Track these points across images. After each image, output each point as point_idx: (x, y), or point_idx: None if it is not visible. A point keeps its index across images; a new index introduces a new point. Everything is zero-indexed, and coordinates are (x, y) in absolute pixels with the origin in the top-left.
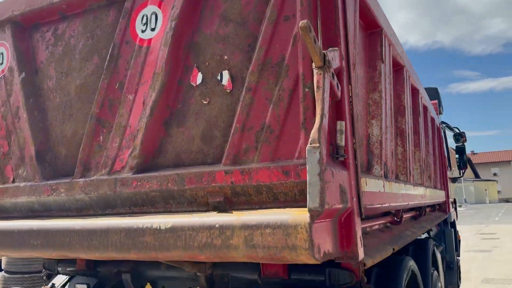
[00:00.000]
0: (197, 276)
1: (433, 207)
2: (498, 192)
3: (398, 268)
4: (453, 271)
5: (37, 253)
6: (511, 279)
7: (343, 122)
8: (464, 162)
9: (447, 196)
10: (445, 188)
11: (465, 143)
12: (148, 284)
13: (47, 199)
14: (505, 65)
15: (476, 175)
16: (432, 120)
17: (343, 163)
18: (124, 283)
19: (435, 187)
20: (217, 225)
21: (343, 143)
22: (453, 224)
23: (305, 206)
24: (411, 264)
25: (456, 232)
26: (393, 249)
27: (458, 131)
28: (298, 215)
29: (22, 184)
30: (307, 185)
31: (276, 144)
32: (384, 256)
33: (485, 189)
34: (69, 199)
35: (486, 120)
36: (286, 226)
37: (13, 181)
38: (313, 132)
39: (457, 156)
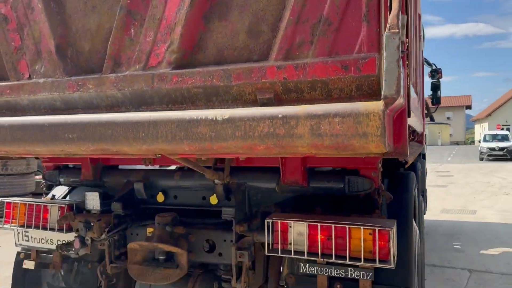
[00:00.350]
0: (210, 186)
1: (415, 136)
2: (450, 135)
3: (407, 180)
4: (423, 198)
5: (72, 147)
6: (465, 210)
7: (405, 17)
8: (438, 98)
9: (423, 128)
10: (423, 120)
11: (440, 80)
12: (160, 193)
13: (72, 96)
14: (467, 11)
15: (431, 119)
16: (422, 51)
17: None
18: (136, 193)
19: None
20: (280, 115)
21: (404, 38)
22: (424, 156)
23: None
24: (415, 179)
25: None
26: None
27: (435, 67)
28: (370, 104)
29: (41, 80)
30: (384, 72)
31: (334, 37)
32: (412, 160)
33: (438, 132)
34: (99, 96)
35: (444, 65)
36: (357, 114)
37: (30, 78)
38: (392, 18)
39: (431, 92)
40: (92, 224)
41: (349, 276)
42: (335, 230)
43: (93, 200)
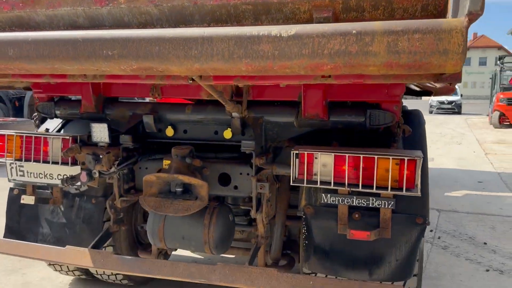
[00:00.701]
0: (222, 120)
1: None
2: None
3: (419, 116)
4: None
5: (110, 65)
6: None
7: None
8: None
9: None
10: None
11: None
12: (170, 127)
13: (100, 12)
14: None
15: None
16: None
17: None
18: (145, 126)
19: None
20: (353, 31)
21: None
22: None
23: None
24: None
25: None
26: None
27: None
28: (452, 20)
29: None
30: None
31: None
32: None
33: None
34: (131, 12)
35: None
36: (438, 31)
37: None
38: None
39: None
40: (101, 156)
41: (370, 205)
42: (363, 161)
43: (100, 132)
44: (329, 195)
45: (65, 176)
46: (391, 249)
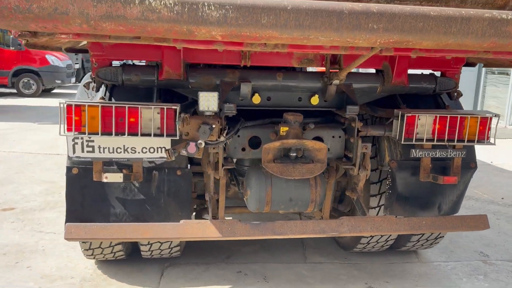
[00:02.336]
0: (312, 87)
1: None
2: None
3: None
4: None
5: (371, 37)
6: None
7: None
8: None
9: None
10: None
11: None
12: (257, 94)
13: None
14: None
15: None
16: None
17: None
18: (241, 93)
19: None
20: None
21: None
22: None
23: None
24: None
25: None
26: None
27: None
28: None
29: None
30: None
31: None
32: None
33: None
34: None
35: None
36: None
37: None
38: None
39: None
40: (213, 126)
41: (448, 156)
42: (459, 120)
43: (209, 101)
44: (417, 149)
45: (170, 149)
46: (454, 189)
